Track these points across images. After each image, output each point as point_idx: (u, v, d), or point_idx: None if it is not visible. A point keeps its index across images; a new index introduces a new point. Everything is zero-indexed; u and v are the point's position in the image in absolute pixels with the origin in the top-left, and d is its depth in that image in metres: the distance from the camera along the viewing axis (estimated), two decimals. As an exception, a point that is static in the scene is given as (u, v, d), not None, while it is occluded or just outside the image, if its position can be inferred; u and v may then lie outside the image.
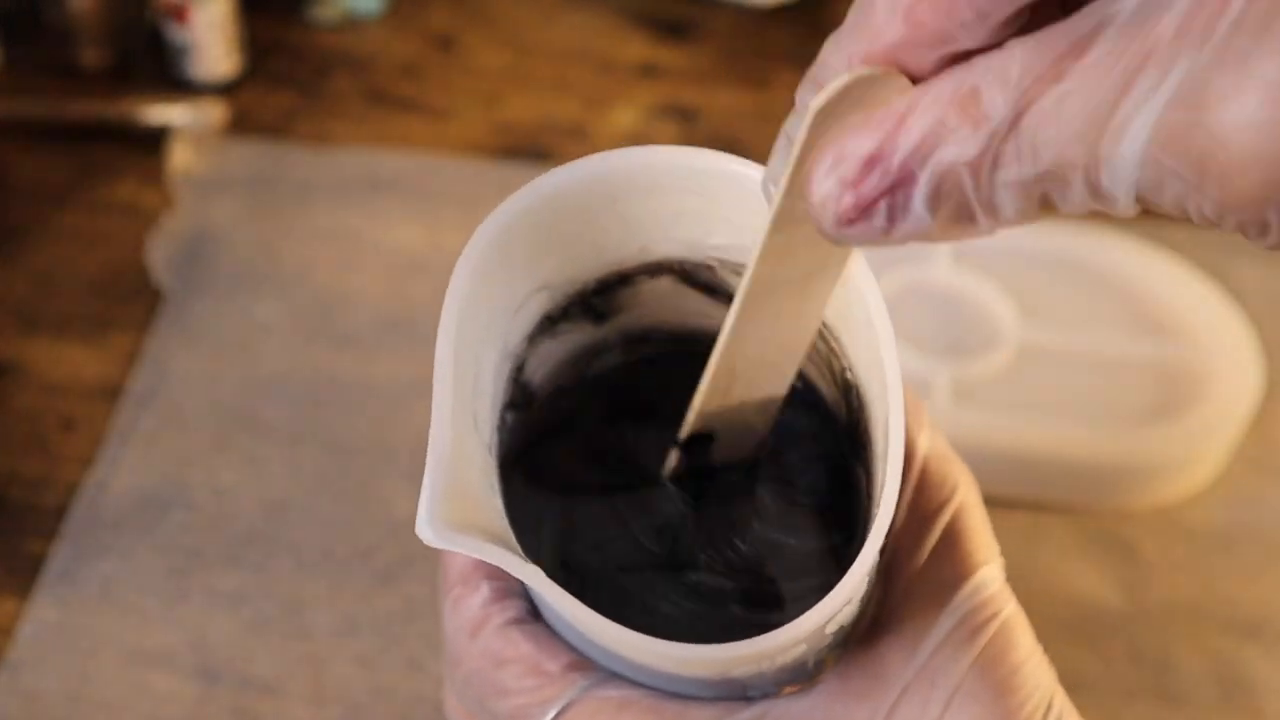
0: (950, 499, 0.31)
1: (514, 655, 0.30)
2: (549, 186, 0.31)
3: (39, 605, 0.49)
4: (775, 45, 0.84)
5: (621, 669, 0.30)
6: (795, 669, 0.29)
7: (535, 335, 0.33)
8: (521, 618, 0.31)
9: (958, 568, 0.30)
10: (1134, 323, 0.62)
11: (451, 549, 0.26)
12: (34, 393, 0.57)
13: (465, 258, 0.30)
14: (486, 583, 0.31)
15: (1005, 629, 0.30)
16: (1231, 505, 0.56)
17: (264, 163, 0.70)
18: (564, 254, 0.32)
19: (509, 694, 0.30)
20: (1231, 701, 0.49)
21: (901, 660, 0.29)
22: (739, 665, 0.27)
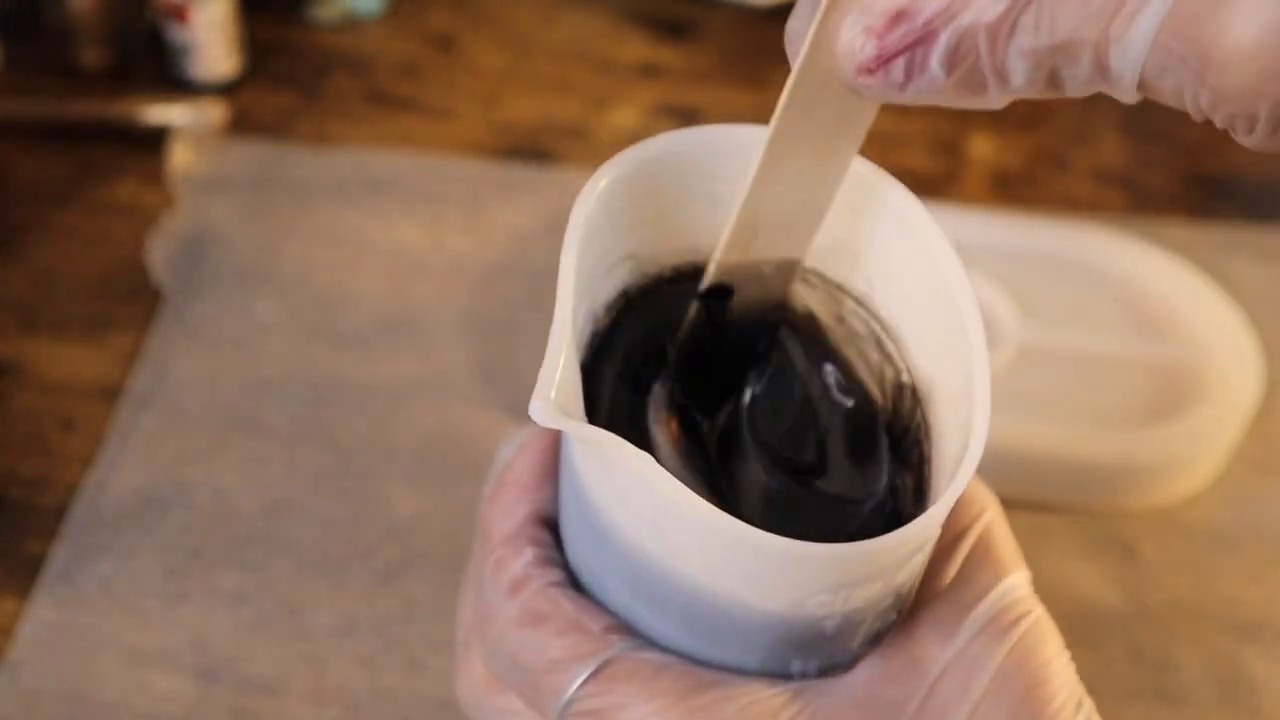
0: (980, 517, 0.33)
1: (555, 613, 0.30)
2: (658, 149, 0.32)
3: (39, 605, 0.49)
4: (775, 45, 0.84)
5: (669, 626, 0.30)
6: (851, 629, 0.30)
7: (612, 307, 0.33)
8: (562, 582, 0.31)
9: (989, 574, 0.31)
10: (1134, 323, 0.62)
11: (564, 428, 0.26)
12: (34, 393, 0.57)
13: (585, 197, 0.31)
14: (530, 547, 0.32)
15: (1037, 627, 0.31)
16: (1231, 505, 0.56)
17: (264, 163, 0.70)
18: (654, 226, 0.33)
19: (547, 649, 0.30)
20: (1231, 701, 0.49)
21: (938, 646, 0.30)
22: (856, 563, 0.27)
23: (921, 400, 0.32)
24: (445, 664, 0.48)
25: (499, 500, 0.33)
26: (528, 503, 0.33)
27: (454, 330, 0.61)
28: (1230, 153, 0.78)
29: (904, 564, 0.29)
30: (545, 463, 0.33)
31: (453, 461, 0.55)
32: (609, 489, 0.29)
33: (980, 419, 0.28)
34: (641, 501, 0.28)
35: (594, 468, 0.29)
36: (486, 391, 0.59)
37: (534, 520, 0.33)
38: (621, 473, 0.28)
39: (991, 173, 0.74)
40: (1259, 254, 0.69)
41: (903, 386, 0.33)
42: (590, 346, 0.33)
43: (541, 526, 0.33)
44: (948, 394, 0.31)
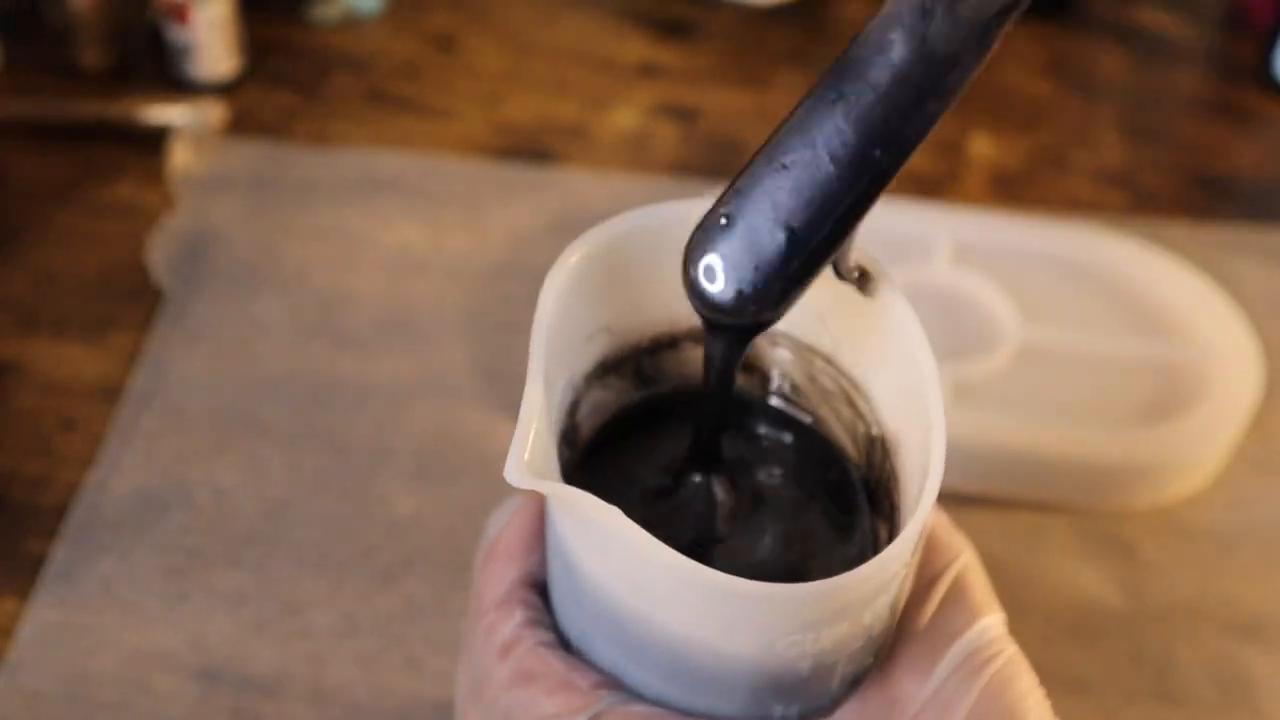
0: (954, 562, 0.34)
1: (546, 671, 0.31)
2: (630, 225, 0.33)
3: (39, 605, 0.49)
4: (775, 45, 0.84)
5: (654, 679, 0.31)
6: (825, 672, 0.30)
7: (592, 377, 0.35)
8: (552, 643, 0.32)
9: (963, 616, 0.32)
10: (1134, 323, 0.62)
11: (537, 489, 0.28)
12: (34, 393, 0.57)
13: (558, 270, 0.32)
14: (520, 610, 0.33)
15: (1011, 664, 0.32)
16: (1231, 505, 0.56)
17: (264, 163, 0.70)
18: (631, 299, 0.34)
19: (539, 707, 0.31)
20: (1231, 701, 0.49)
21: (915, 686, 0.31)
22: (817, 603, 0.28)
23: (890, 451, 0.33)
24: (445, 664, 0.48)
25: (490, 568, 0.34)
26: (517, 568, 0.34)
27: (454, 330, 0.61)
28: (1230, 153, 0.78)
29: (869, 603, 0.29)
30: (533, 530, 0.35)
31: (453, 461, 0.55)
32: (587, 546, 0.30)
33: (936, 462, 0.29)
34: (615, 555, 0.29)
35: (572, 526, 0.31)
36: (486, 391, 0.59)
37: (523, 585, 0.34)
38: (596, 528, 0.29)
39: (991, 173, 0.74)
40: (1259, 254, 0.69)
41: (874, 440, 0.34)
42: (570, 414, 0.34)
43: (531, 590, 0.34)
44: (912, 443, 0.32)
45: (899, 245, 0.63)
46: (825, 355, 0.35)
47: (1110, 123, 0.79)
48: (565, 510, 0.30)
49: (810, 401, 0.36)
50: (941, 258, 0.63)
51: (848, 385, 0.35)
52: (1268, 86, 0.82)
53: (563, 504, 0.29)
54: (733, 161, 0.73)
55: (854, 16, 0.87)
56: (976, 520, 0.54)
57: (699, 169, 0.73)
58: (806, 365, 0.36)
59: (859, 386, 0.34)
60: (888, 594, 0.30)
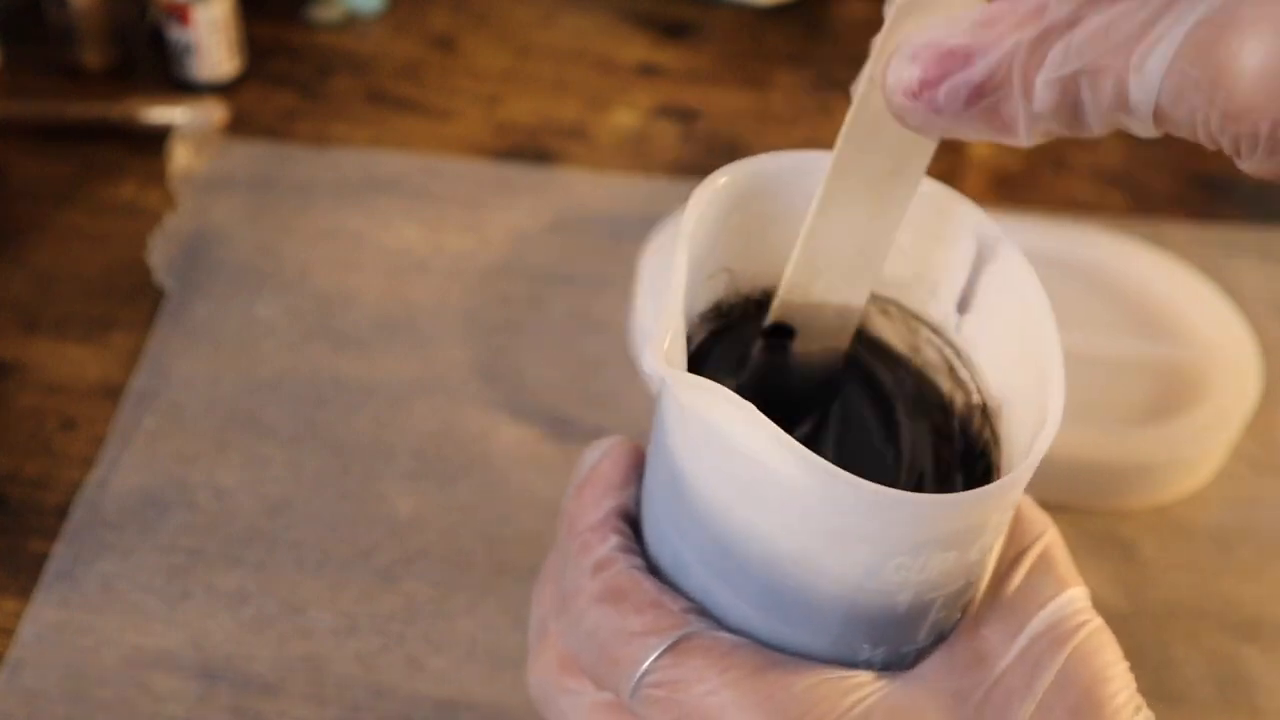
0: (1041, 536, 0.34)
1: (637, 591, 0.32)
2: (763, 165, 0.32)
3: (40, 605, 0.49)
4: (775, 45, 0.84)
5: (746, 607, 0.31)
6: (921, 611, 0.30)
7: (705, 317, 0.34)
8: (644, 568, 0.33)
9: (1051, 586, 0.33)
10: (1134, 323, 0.62)
11: (672, 378, 0.28)
12: (35, 392, 0.57)
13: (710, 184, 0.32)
14: (615, 535, 0.33)
15: (1099, 632, 0.32)
16: (1231, 505, 0.56)
17: (264, 163, 0.70)
18: (754, 243, 0.33)
19: (627, 624, 0.31)
20: (1230, 700, 0.49)
21: (1002, 644, 0.31)
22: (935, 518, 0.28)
23: (991, 416, 0.33)
24: (445, 664, 0.48)
25: (584, 495, 0.35)
26: (612, 498, 0.34)
27: (454, 330, 0.61)
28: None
29: (977, 536, 0.29)
30: (629, 466, 0.35)
31: (453, 461, 0.55)
32: (701, 452, 0.30)
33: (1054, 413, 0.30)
34: (735, 460, 0.29)
35: (688, 432, 0.30)
36: (486, 391, 0.59)
37: (618, 514, 0.34)
38: (716, 433, 0.29)
39: (991, 173, 0.74)
40: (1259, 254, 0.69)
41: (972, 408, 0.34)
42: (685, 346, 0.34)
43: (624, 520, 0.34)
44: (1019, 406, 0.32)
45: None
46: (933, 325, 0.35)
47: (1110, 123, 0.79)
48: (683, 417, 0.30)
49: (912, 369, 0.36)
50: (941, 258, 0.63)
51: (951, 355, 0.34)
52: (1268, 86, 0.82)
53: (691, 401, 0.29)
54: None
55: (854, 16, 0.87)
56: (976, 520, 0.54)
57: (699, 169, 0.73)
58: (912, 335, 0.35)
59: (962, 355, 0.34)
60: (994, 533, 0.30)
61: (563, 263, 0.66)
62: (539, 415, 0.58)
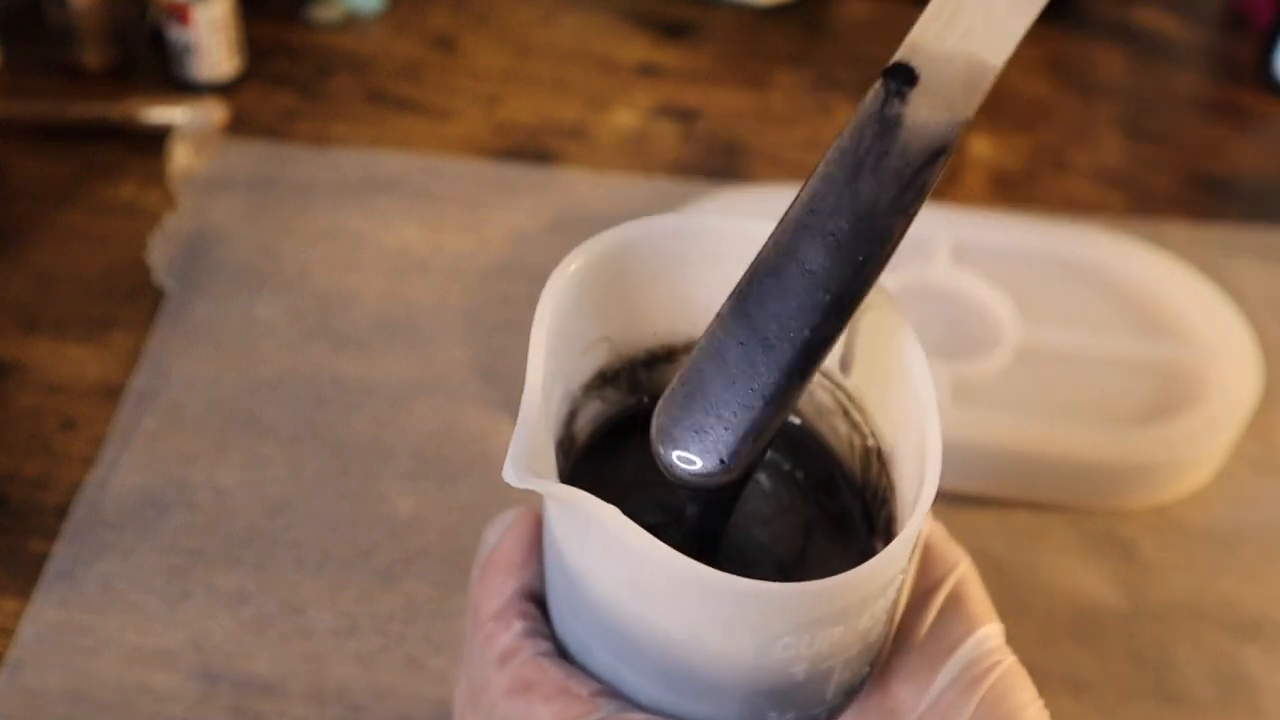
0: (951, 572, 0.34)
1: (543, 679, 0.31)
2: (630, 234, 0.33)
3: (40, 605, 0.49)
4: (775, 45, 0.84)
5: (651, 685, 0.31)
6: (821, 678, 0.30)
7: (590, 387, 0.35)
8: (550, 652, 0.33)
9: (962, 626, 0.32)
10: (1134, 323, 0.62)
11: (535, 489, 0.28)
12: (35, 392, 0.57)
13: (558, 276, 0.32)
14: (519, 620, 0.33)
15: (1009, 674, 0.32)
16: (1231, 505, 0.56)
17: (264, 163, 0.70)
18: (630, 310, 0.34)
19: (536, 715, 0.31)
20: (1230, 700, 0.49)
21: (913, 697, 0.31)
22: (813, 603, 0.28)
23: (885, 462, 0.33)
24: (445, 664, 0.48)
25: (487, 580, 0.35)
26: (515, 580, 0.34)
27: (454, 330, 0.61)
28: (1230, 153, 0.78)
29: (866, 608, 0.29)
30: (530, 542, 0.35)
31: (453, 461, 0.55)
32: (584, 548, 0.30)
33: (931, 471, 0.29)
34: (613, 555, 0.29)
35: (569, 529, 0.31)
36: (486, 391, 0.59)
37: (521, 596, 0.34)
38: (594, 530, 0.29)
39: (991, 173, 0.74)
40: (1259, 254, 0.69)
41: (869, 451, 0.34)
42: (567, 424, 0.34)
43: (528, 602, 0.34)
44: (908, 454, 0.32)
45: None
46: (823, 370, 0.35)
47: (1110, 123, 0.79)
48: (563, 512, 0.31)
49: (806, 415, 0.36)
50: (941, 258, 0.63)
51: (844, 398, 0.35)
52: (1268, 86, 0.82)
53: (561, 505, 0.30)
54: (733, 162, 0.74)
55: (854, 16, 0.87)
56: (976, 520, 0.54)
57: (699, 169, 0.73)
58: None
59: (854, 399, 0.35)
60: (885, 599, 0.30)
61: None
62: (539, 415, 0.58)
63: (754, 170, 0.73)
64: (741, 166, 0.73)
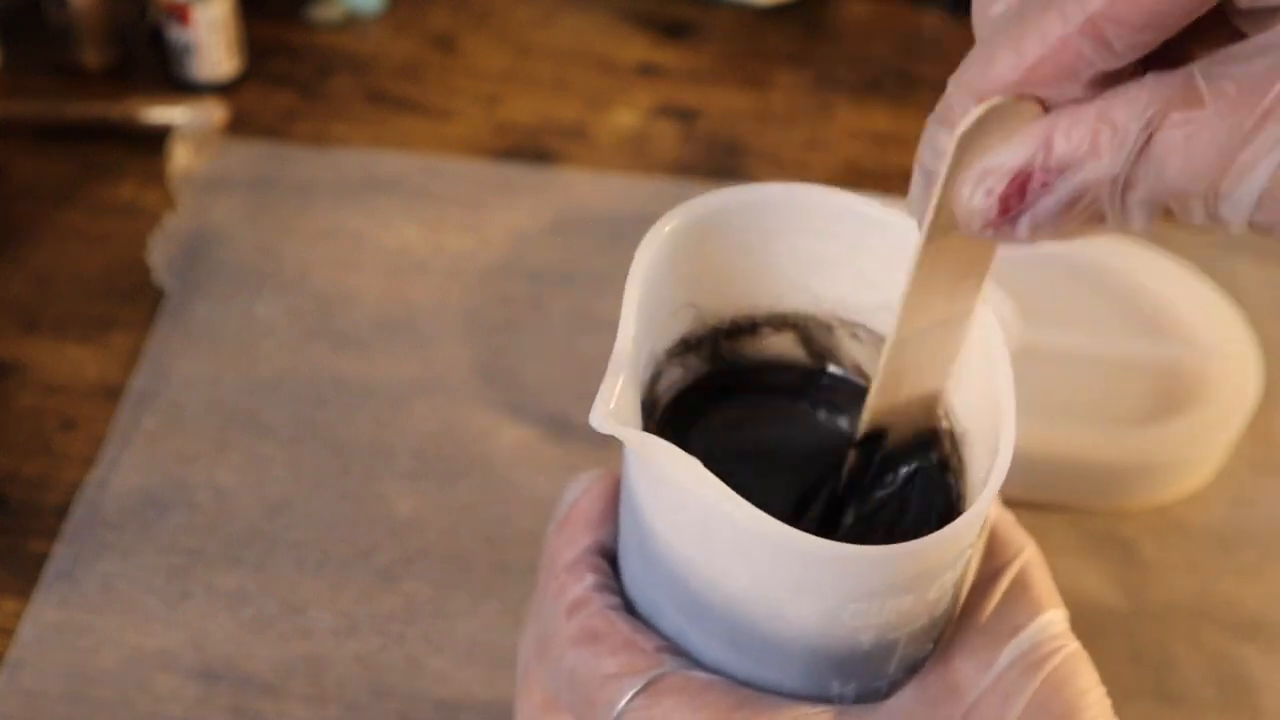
0: (1018, 556, 0.34)
1: (611, 632, 0.32)
2: (723, 201, 0.33)
3: (40, 605, 0.49)
4: (775, 45, 0.84)
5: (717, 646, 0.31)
6: (886, 649, 0.31)
7: (673, 353, 0.35)
8: (619, 607, 0.33)
9: (1026, 610, 0.33)
10: (1134, 323, 0.62)
11: (619, 436, 0.28)
12: (35, 392, 0.57)
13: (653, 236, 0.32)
14: (590, 574, 0.34)
15: (1073, 659, 0.32)
16: (1231, 505, 0.56)
17: (264, 163, 0.70)
18: (717, 277, 0.34)
19: (602, 665, 0.32)
20: (1230, 700, 0.49)
21: (975, 675, 0.31)
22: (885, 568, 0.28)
23: (958, 444, 0.34)
24: (445, 664, 0.48)
25: (563, 533, 0.35)
26: (589, 536, 0.35)
27: (454, 330, 0.61)
28: (1230, 153, 0.78)
29: (935, 578, 0.29)
30: (608, 502, 0.35)
31: (453, 461, 0.55)
32: (661, 504, 0.30)
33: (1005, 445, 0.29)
34: (689, 511, 0.29)
35: (648, 484, 0.31)
36: (486, 391, 0.59)
37: (594, 552, 0.35)
38: (672, 484, 0.29)
39: (991, 173, 0.74)
40: (1259, 254, 0.69)
41: (942, 434, 0.35)
42: (650, 386, 0.34)
43: (601, 558, 0.35)
44: (980, 436, 0.32)
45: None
46: None
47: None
48: (642, 466, 0.31)
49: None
50: (941, 258, 0.63)
51: None
52: (1268, 86, 0.82)
53: (642, 457, 0.30)
54: (733, 162, 0.74)
55: (854, 16, 0.87)
56: (976, 520, 0.54)
57: (699, 169, 0.73)
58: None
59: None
60: (953, 571, 0.30)
61: (563, 263, 0.66)
62: (539, 415, 0.58)
63: (754, 170, 0.73)
64: (741, 166, 0.73)
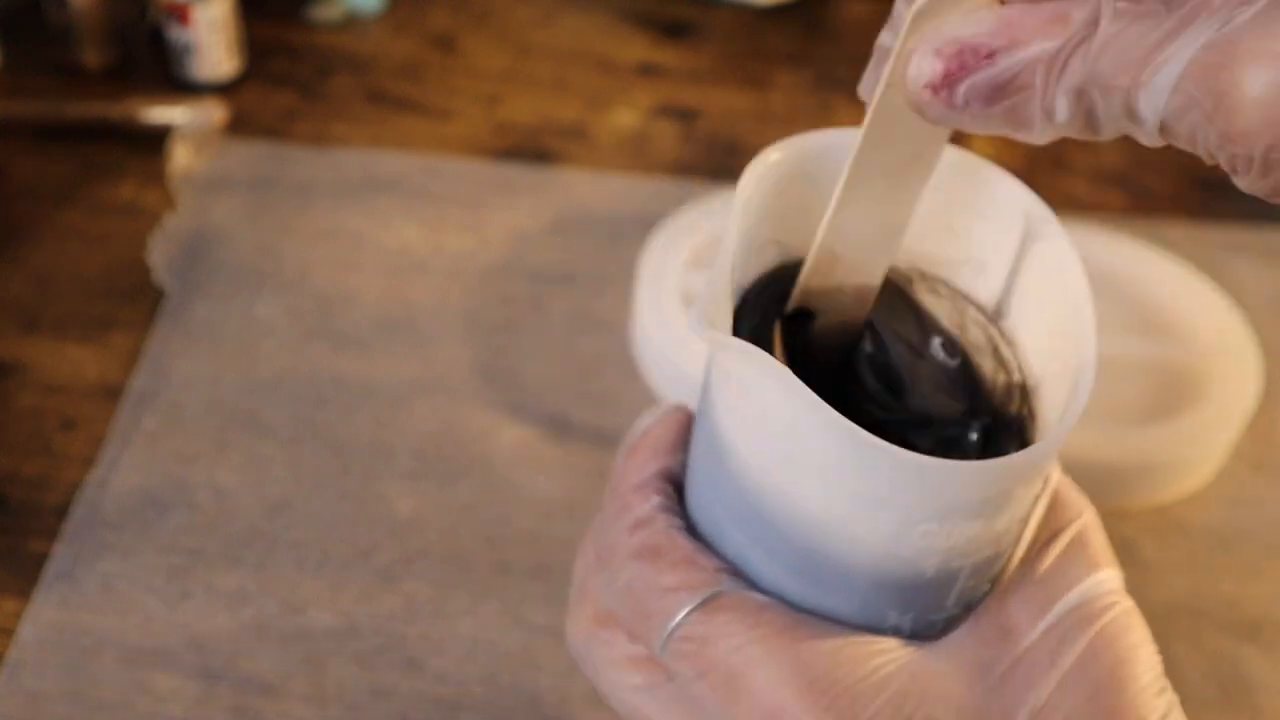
0: (1077, 518, 0.35)
1: (672, 548, 0.33)
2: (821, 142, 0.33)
3: (40, 605, 0.49)
4: (775, 45, 0.84)
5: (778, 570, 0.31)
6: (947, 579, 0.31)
7: (752, 290, 0.35)
8: (683, 528, 0.34)
9: (1083, 566, 0.33)
10: (1134, 323, 0.62)
11: (715, 342, 0.29)
12: (35, 393, 0.57)
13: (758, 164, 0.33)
14: (657, 495, 0.34)
15: (1126, 614, 0.33)
16: (1231, 505, 0.56)
17: (264, 163, 0.70)
18: (803, 218, 0.34)
19: (661, 579, 0.32)
20: (1230, 700, 0.49)
21: (1028, 621, 0.32)
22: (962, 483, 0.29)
23: (1029, 395, 0.34)
24: (445, 664, 0.48)
25: (633, 457, 0.36)
26: (659, 461, 0.35)
27: (454, 330, 0.61)
28: (1230, 153, 0.78)
29: (1004, 506, 0.30)
30: (678, 432, 0.36)
31: (453, 461, 0.55)
32: (738, 413, 0.31)
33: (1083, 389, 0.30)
34: (771, 422, 0.30)
35: (730, 396, 0.31)
36: (486, 391, 0.59)
37: (662, 476, 0.35)
38: (756, 395, 0.30)
39: (991, 173, 0.74)
40: (1259, 254, 0.69)
41: (1013, 386, 0.35)
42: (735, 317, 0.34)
43: (668, 483, 0.35)
44: (1054, 382, 0.32)
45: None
46: (980, 304, 0.35)
47: (1110, 123, 0.79)
48: (725, 380, 0.31)
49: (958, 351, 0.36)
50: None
51: (996, 334, 0.35)
52: (1268, 86, 0.82)
53: (735, 362, 0.30)
54: (733, 162, 0.74)
55: (854, 16, 0.87)
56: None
57: (699, 169, 0.73)
58: (959, 314, 0.36)
59: (1006, 335, 0.35)
60: (1021, 505, 0.30)
61: (563, 263, 0.66)
62: (539, 415, 0.58)
63: (754, 170, 0.73)
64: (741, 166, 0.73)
